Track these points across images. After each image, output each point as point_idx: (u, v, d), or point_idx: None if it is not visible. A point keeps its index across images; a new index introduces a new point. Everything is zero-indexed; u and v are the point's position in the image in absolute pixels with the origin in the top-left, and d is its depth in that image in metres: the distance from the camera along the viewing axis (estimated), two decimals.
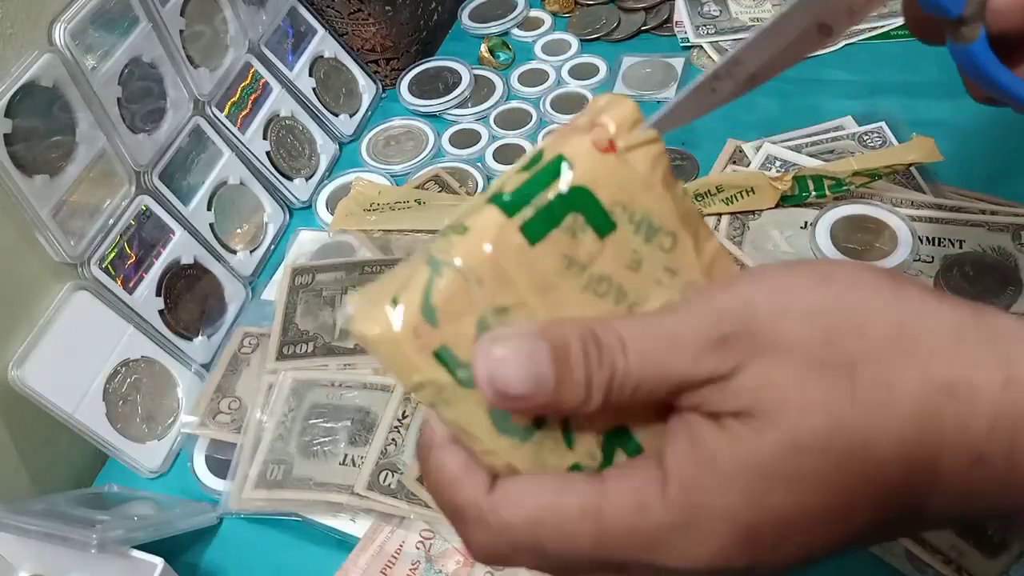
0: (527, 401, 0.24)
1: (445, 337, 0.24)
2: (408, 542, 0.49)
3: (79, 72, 0.54)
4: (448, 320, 0.24)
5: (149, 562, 0.46)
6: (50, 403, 0.52)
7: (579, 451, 0.26)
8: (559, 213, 0.25)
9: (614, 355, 0.24)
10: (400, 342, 0.24)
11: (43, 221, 0.52)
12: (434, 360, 0.24)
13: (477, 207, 0.25)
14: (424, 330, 0.24)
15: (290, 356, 0.58)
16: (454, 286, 0.24)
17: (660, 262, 0.26)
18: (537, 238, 0.24)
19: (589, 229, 0.25)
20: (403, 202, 0.67)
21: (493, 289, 0.24)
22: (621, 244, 0.25)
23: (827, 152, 0.64)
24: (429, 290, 0.24)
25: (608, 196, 0.25)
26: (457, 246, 0.24)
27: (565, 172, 0.25)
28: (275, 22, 0.73)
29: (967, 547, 0.44)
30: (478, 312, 0.24)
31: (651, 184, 0.25)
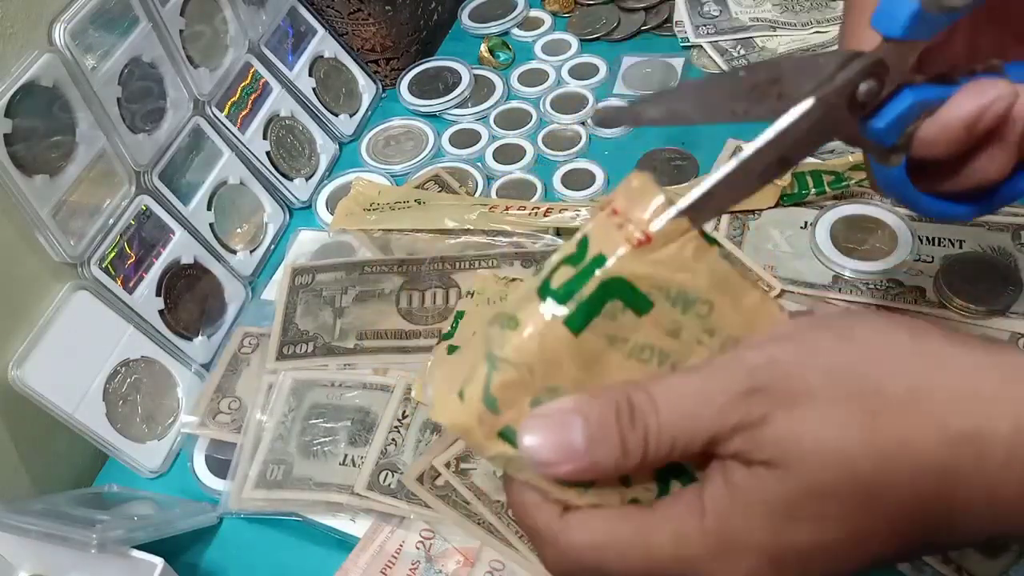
0: (562, 467, 0.27)
1: (506, 419, 0.28)
2: (408, 542, 0.49)
3: (79, 72, 0.54)
4: (507, 406, 0.28)
5: (149, 562, 0.46)
6: (50, 403, 0.52)
7: (636, 488, 0.29)
8: (599, 304, 0.28)
9: (646, 416, 0.27)
10: (470, 429, 0.28)
11: (43, 221, 0.52)
12: (499, 439, 0.28)
13: (529, 298, 0.28)
14: (487, 418, 0.28)
15: (290, 356, 0.58)
16: (509, 378, 0.28)
17: (699, 326, 0.29)
18: (580, 328, 0.28)
19: (628, 311, 0.28)
20: (403, 202, 0.67)
21: (543, 374, 0.28)
22: (660, 318, 0.28)
23: (827, 152, 0.64)
24: (489, 384, 0.28)
25: (644, 283, 0.28)
26: (510, 341, 0.28)
27: (603, 267, 0.28)
28: (275, 22, 0.73)
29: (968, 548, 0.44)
30: (532, 394, 0.28)
31: (684, 264, 0.28)
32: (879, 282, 0.55)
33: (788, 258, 0.58)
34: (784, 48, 0.74)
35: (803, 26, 0.75)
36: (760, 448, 0.26)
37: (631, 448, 0.27)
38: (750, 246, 0.59)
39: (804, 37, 0.75)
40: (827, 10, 0.76)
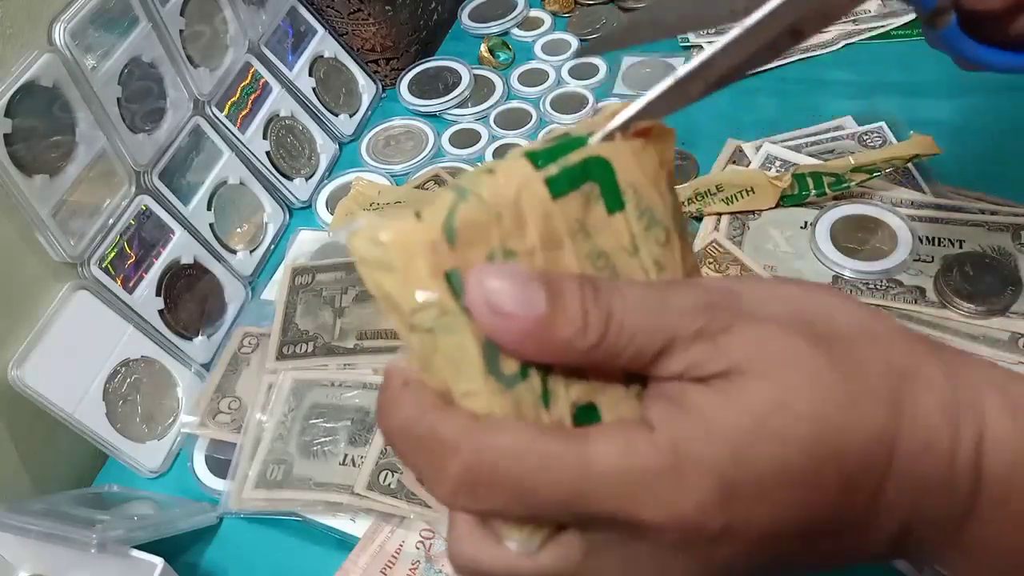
0: (520, 323, 0.24)
1: (458, 260, 0.24)
2: (408, 542, 0.49)
3: (79, 72, 0.54)
4: (464, 244, 0.24)
5: (149, 562, 0.46)
6: (50, 403, 0.52)
7: (553, 414, 0.26)
8: (580, 177, 0.26)
9: (611, 297, 0.24)
10: (416, 253, 0.24)
11: (43, 221, 0.52)
12: (444, 280, 0.24)
13: (509, 157, 0.26)
14: (442, 248, 0.24)
15: (290, 356, 0.58)
16: (477, 213, 0.24)
17: (652, 254, 0.27)
18: (558, 194, 0.25)
19: (601, 202, 0.26)
20: (403, 202, 0.67)
21: (510, 229, 0.25)
22: (625, 225, 0.26)
23: (827, 152, 0.64)
24: (454, 211, 0.24)
25: (624, 176, 0.26)
26: (486, 182, 0.25)
27: (591, 143, 0.26)
28: (275, 22, 0.73)
29: None
30: (490, 247, 0.25)
31: (659, 180, 0.27)
32: (879, 282, 0.55)
33: (788, 258, 0.58)
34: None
35: None
36: (724, 354, 0.24)
37: (591, 324, 0.24)
38: (750, 246, 0.59)
39: None
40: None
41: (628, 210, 0.27)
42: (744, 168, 0.65)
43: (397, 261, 0.24)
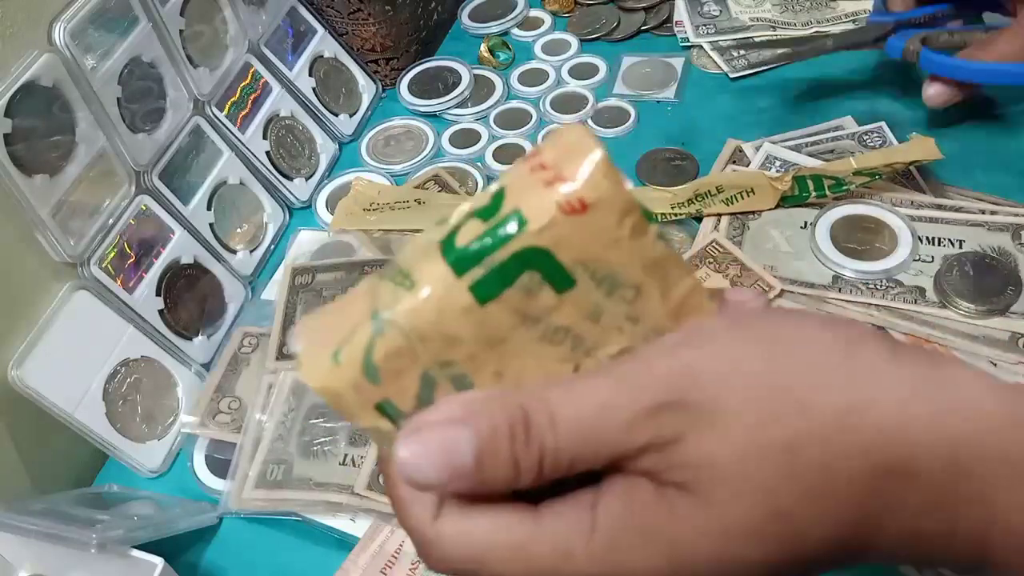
0: (448, 487, 0.24)
1: (387, 392, 0.24)
2: (408, 542, 0.49)
3: (79, 72, 0.54)
4: (390, 377, 0.24)
5: (149, 562, 0.46)
6: (50, 403, 0.52)
7: None
8: (514, 273, 0.24)
9: (543, 433, 0.24)
10: (341, 395, 0.24)
11: (43, 221, 0.52)
12: (376, 412, 0.25)
13: (428, 253, 0.24)
14: (365, 387, 0.24)
15: (290, 356, 0.58)
16: (395, 345, 0.24)
17: (622, 312, 0.25)
18: (488, 298, 0.24)
19: (546, 286, 0.24)
20: (403, 202, 0.67)
21: (438, 347, 0.24)
22: (581, 299, 0.25)
23: (827, 152, 0.64)
24: (371, 350, 0.24)
25: (569, 257, 0.24)
26: (402, 302, 0.24)
27: (524, 231, 0.23)
28: (275, 22, 0.73)
29: None
30: (422, 367, 0.24)
31: (617, 240, 0.24)
32: (879, 282, 0.55)
33: (788, 258, 0.58)
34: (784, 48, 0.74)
35: (803, 25, 0.75)
36: (671, 470, 0.24)
37: (524, 468, 0.24)
38: (750, 245, 0.59)
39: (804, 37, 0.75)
40: (826, 10, 0.76)
41: (580, 286, 0.24)
42: (745, 169, 0.65)
43: (328, 400, 0.24)
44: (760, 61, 0.73)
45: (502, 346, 0.24)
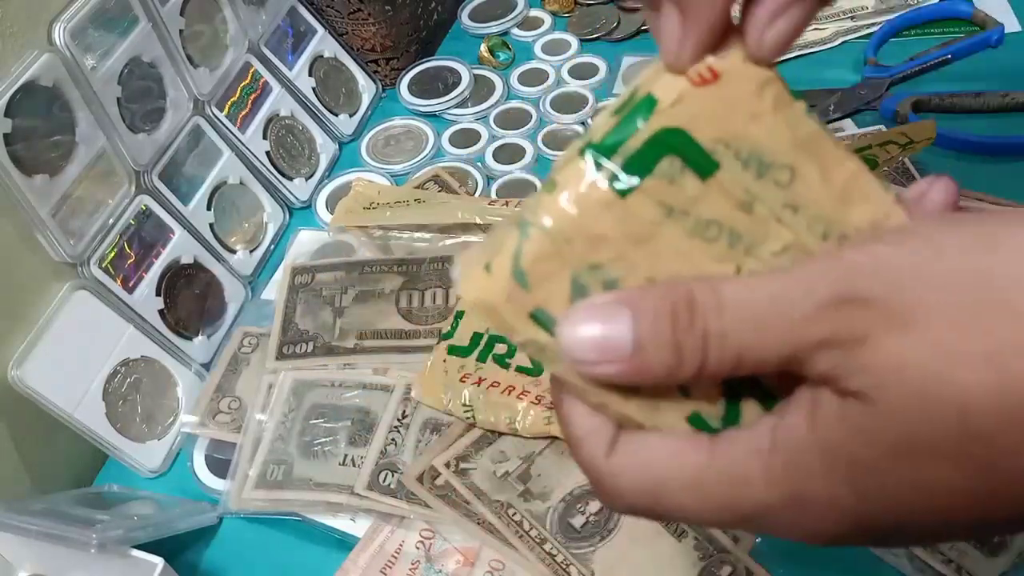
0: (602, 368, 0.23)
1: (538, 299, 0.23)
2: (408, 542, 0.49)
3: (79, 72, 0.54)
4: (540, 282, 0.23)
5: (149, 562, 0.46)
6: (50, 403, 0.52)
7: (696, 398, 0.24)
8: (652, 159, 0.23)
9: (708, 317, 0.22)
10: (495, 307, 0.24)
11: (43, 221, 0.52)
12: (531, 321, 0.24)
13: (569, 158, 0.24)
14: (517, 294, 0.23)
15: (290, 356, 0.58)
16: (542, 248, 0.23)
17: (778, 199, 0.23)
18: (629, 190, 0.23)
19: (689, 172, 0.23)
20: (403, 202, 0.67)
21: (584, 247, 0.23)
22: (728, 184, 0.23)
23: None
24: (519, 255, 0.23)
25: (708, 134, 0.23)
26: (545, 206, 0.23)
27: (656, 110, 0.23)
28: (275, 22, 0.73)
29: (967, 547, 0.44)
30: (570, 270, 0.23)
31: (758, 113, 0.23)
32: None
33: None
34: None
35: None
36: (854, 375, 0.21)
37: (687, 355, 0.22)
38: None
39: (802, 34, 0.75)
40: (825, 7, 0.76)
41: (725, 166, 0.23)
42: None
43: (483, 316, 0.24)
44: None
45: (650, 245, 0.23)
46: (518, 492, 0.49)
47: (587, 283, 0.23)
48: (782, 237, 0.23)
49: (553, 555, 0.46)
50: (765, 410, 0.24)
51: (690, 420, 0.25)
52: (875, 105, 0.67)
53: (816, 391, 0.22)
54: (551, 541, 0.47)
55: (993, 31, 0.69)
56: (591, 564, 0.46)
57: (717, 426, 0.25)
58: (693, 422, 0.25)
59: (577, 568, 0.46)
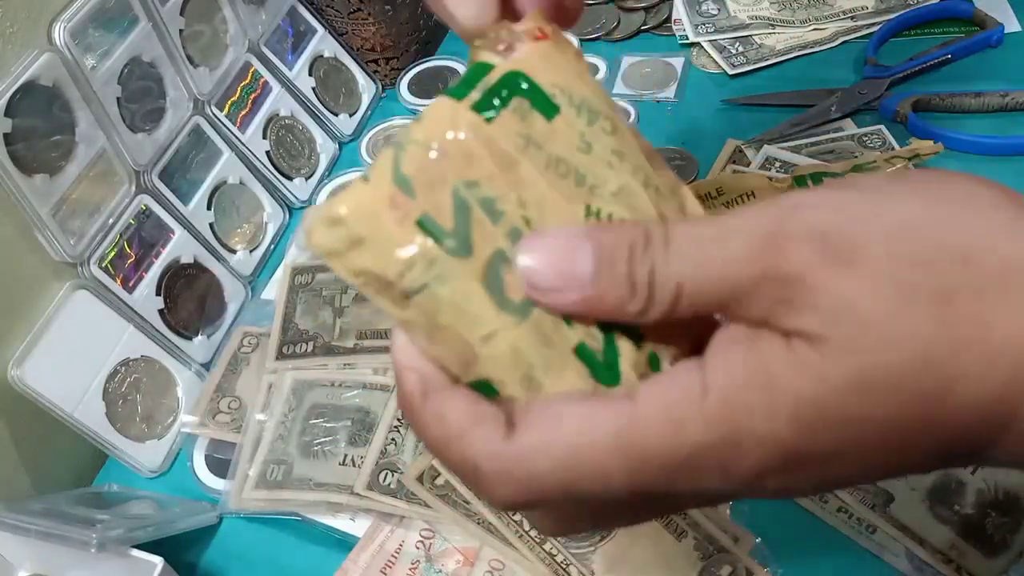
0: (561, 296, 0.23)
1: (424, 206, 0.23)
2: (408, 541, 0.49)
3: (79, 71, 0.54)
4: (423, 189, 0.23)
5: (149, 561, 0.46)
6: (50, 403, 0.52)
7: (578, 328, 0.24)
8: (505, 95, 0.25)
9: (656, 251, 0.22)
10: (378, 213, 0.23)
11: (43, 220, 0.52)
12: (418, 229, 0.23)
13: (427, 106, 0.25)
14: (401, 200, 0.23)
15: (290, 356, 0.58)
16: (421, 157, 0.24)
17: (607, 145, 0.26)
18: (490, 116, 0.25)
19: (536, 113, 0.25)
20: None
21: (460, 163, 0.24)
22: (568, 127, 0.25)
23: (827, 152, 0.64)
24: (398, 162, 0.23)
25: (547, 79, 0.25)
26: (415, 129, 0.24)
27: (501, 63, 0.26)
28: (275, 21, 0.73)
29: (967, 547, 0.44)
30: (450, 184, 0.24)
31: (581, 72, 0.26)
32: None
33: None
34: (782, 45, 0.74)
35: (801, 23, 0.75)
36: (807, 312, 0.21)
37: (637, 287, 0.22)
38: None
39: (802, 34, 0.75)
40: (824, 7, 0.76)
41: (564, 111, 0.25)
42: (745, 170, 0.65)
43: (363, 230, 0.23)
44: (759, 58, 0.73)
45: (516, 172, 0.25)
46: None
47: (467, 199, 0.24)
48: (616, 179, 0.25)
49: (553, 555, 0.46)
50: (635, 347, 0.25)
51: (577, 350, 0.24)
52: (875, 105, 0.67)
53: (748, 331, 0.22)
54: (551, 541, 0.47)
55: (993, 31, 0.69)
56: (591, 564, 0.46)
57: (600, 360, 0.25)
58: (580, 353, 0.24)
59: (577, 568, 0.46)
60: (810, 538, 0.47)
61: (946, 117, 0.65)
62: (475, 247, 0.24)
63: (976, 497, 0.45)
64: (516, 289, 0.24)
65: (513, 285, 0.24)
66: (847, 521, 0.47)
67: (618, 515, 0.26)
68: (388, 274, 0.23)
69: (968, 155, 0.63)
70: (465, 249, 0.24)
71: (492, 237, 0.24)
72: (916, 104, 0.66)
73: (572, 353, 0.24)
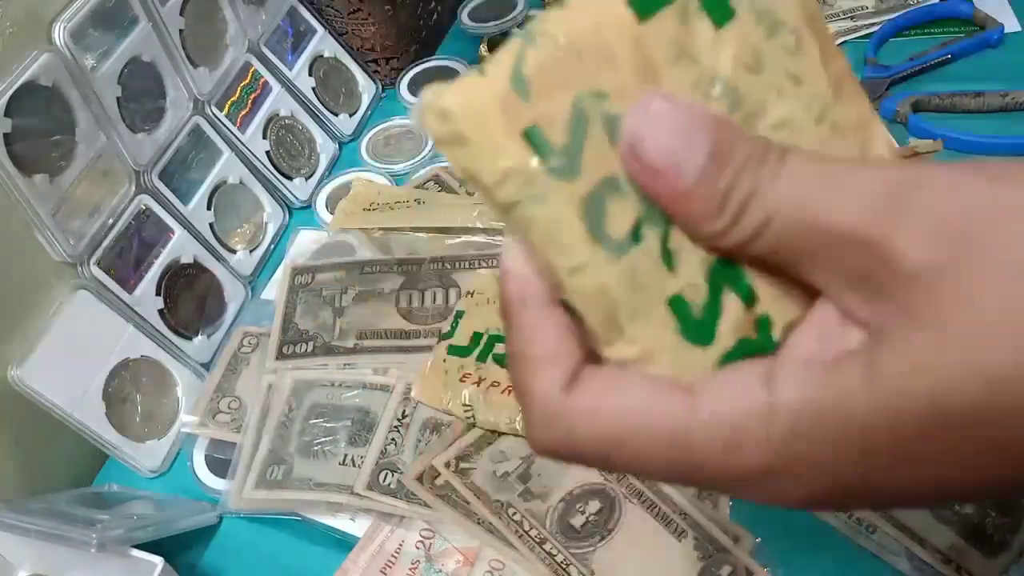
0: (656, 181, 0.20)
1: (536, 115, 0.21)
2: (408, 541, 0.49)
3: (79, 71, 0.54)
4: (541, 94, 0.20)
5: (149, 561, 0.46)
6: (50, 403, 0.52)
7: (681, 277, 0.22)
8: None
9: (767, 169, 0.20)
10: (485, 116, 0.20)
11: (43, 220, 0.52)
12: (523, 141, 0.21)
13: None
14: (513, 104, 0.20)
15: (290, 356, 0.58)
16: (551, 56, 0.21)
17: (783, 65, 0.22)
18: (646, 14, 0.21)
19: (704, 16, 0.22)
20: (403, 202, 0.67)
21: (594, 65, 0.21)
22: (740, 38, 0.22)
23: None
24: (521, 59, 0.20)
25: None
26: (555, 18, 0.21)
27: None
28: (275, 21, 0.73)
29: (967, 547, 0.44)
30: (574, 90, 0.21)
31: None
32: None
33: None
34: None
35: None
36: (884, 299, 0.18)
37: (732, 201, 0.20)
38: None
39: None
40: (824, 7, 0.76)
41: (741, 17, 0.22)
42: None
43: (467, 130, 0.20)
44: None
45: (655, 84, 0.21)
46: (518, 492, 0.49)
47: (589, 112, 0.21)
48: (780, 109, 0.23)
49: (553, 555, 0.46)
50: (745, 308, 0.22)
51: (671, 302, 0.22)
52: (875, 105, 0.67)
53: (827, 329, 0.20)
54: (551, 541, 0.47)
55: (993, 31, 0.69)
56: (591, 564, 0.46)
57: (699, 316, 0.22)
58: (674, 304, 0.22)
59: (577, 568, 0.46)
60: (810, 538, 0.47)
61: (946, 117, 0.65)
62: (583, 169, 0.21)
63: None
64: (619, 222, 0.21)
65: (617, 218, 0.21)
66: (847, 521, 0.47)
67: None
68: (485, 179, 0.21)
69: (968, 155, 0.63)
70: (571, 171, 0.21)
71: (606, 160, 0.21)
72: (916, 104, 0.66)
73: (664, 303, 0.22)
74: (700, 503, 0.47)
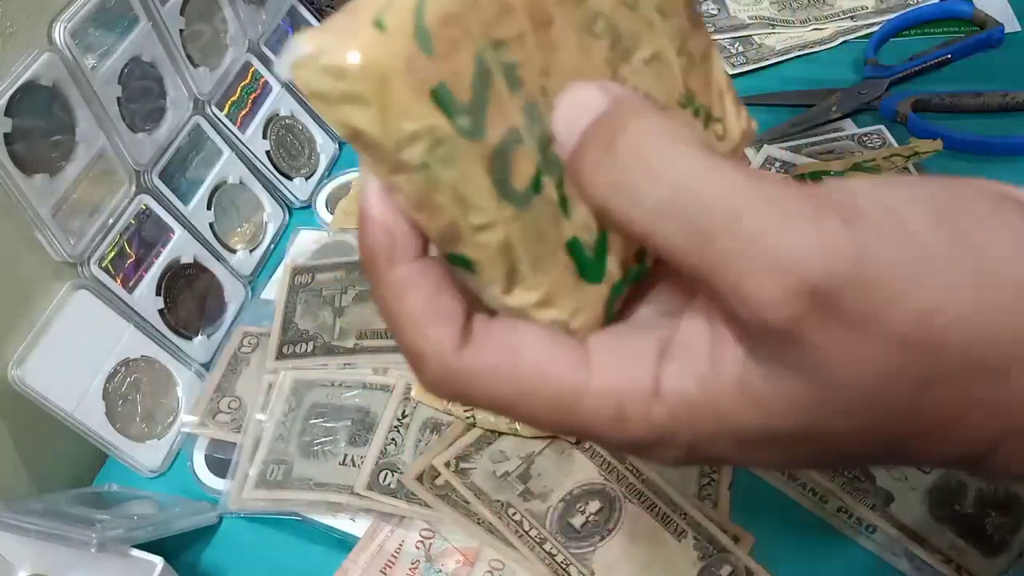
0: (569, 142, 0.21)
1: (442, 72, 0.19)
2: (408, 541, 0.49)
3: (79, 71, 0.54)
4: (444, 48, 0.19)
5: (149, 561, 0.46)
6: (50, 403, 0.52)
7: (576, 221, 0.22)
8: None
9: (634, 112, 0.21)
10: (390, 75, 0.19)
11: (43, 220, 0.52)
12: (431, 101, 0.19)
13: None
14: (419, 62, 0.19)
15: (290, 356, 0.58)
16: (451, 8, 0.19)
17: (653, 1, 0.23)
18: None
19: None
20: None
21: (491, 17, 0.20)
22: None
23: (827, 153, 0.65)
24: (422, 9, 0.19)
25: None
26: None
27: None
28: (275, 21, 0.73)
29: (967, 547, 0.44)
30: (475, 43, 0.20)
31: None
32: None
33: None
34: (782, 45, 0.74)
35: (801, 23, 0.75)
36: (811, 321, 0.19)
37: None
38: None
39: (802, 34, 0.75)
40: (824, 7, 0.76)
41: None
42: None
43: (368, 90, 0.19)
44: (759, 58, 0.73)
45: (549, 31, 0.21)
46: (518, 492, 0.49)
47: (490, 64, 0.20)
48: (651, 43, 0.23)
49: (553, 555, 0.46)
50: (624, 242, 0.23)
51: (569, 244, 0.22)
52: (875, 105, 0.67)
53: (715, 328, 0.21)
54: (551, 541, 0.47)
55: (993, 31, 0.69)
56: (591, 564, 0.46)
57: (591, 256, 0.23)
58: (571, 247, 0.23)
59: (577, 568, 0.46)
60: (810, 538, 0.47)
61: (946, 117, 0.65)
62: (488, 125, 0.20)
63: (976, 497, 0.45)
64: (522, 175, 0.21)
65: (520, 169, 0.21)
66: (847, 521, 0.47)
67: None
68: (384, 144, 0.20)
69: (968, 155, 0.63)
70: (478, 130, 0.20)
71: (508, 112, 0.21)
72: (916, 104, 0.66)
73: (563, 248, 0.23)
74: (700, 503, 0.48)
